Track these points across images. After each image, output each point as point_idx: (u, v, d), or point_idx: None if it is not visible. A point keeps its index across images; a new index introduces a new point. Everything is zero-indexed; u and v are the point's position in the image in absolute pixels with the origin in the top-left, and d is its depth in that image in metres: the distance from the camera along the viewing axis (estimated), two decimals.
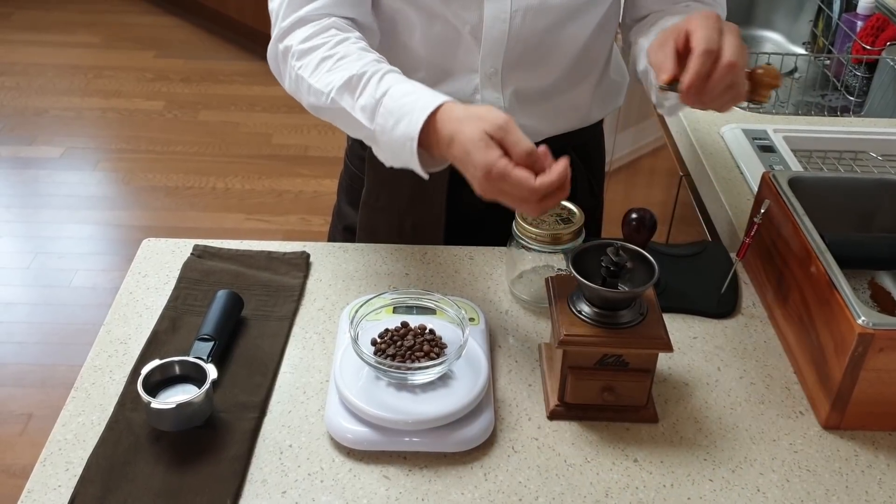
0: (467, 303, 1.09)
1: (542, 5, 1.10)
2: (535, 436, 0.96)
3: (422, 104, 0.97)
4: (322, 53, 1.05)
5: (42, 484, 0.89)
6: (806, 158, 1.51)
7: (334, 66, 1.04)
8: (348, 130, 1.08)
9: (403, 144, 0.98)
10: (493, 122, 0.91)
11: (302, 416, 0.97)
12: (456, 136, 0.93)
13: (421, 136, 0.96)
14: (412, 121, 0.96)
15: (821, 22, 2.05)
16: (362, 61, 1.03)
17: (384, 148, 1.02)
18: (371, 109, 1.00)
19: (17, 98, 3.83)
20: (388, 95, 0.99)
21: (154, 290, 1.15)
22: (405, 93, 0.99)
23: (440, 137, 0.95)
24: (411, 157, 0.98)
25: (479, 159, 0.89)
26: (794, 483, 0.92)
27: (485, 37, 1.12)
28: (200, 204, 3.19)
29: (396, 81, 1.01)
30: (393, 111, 0.98)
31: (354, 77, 1.01)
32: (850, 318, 0.91)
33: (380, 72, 1.02)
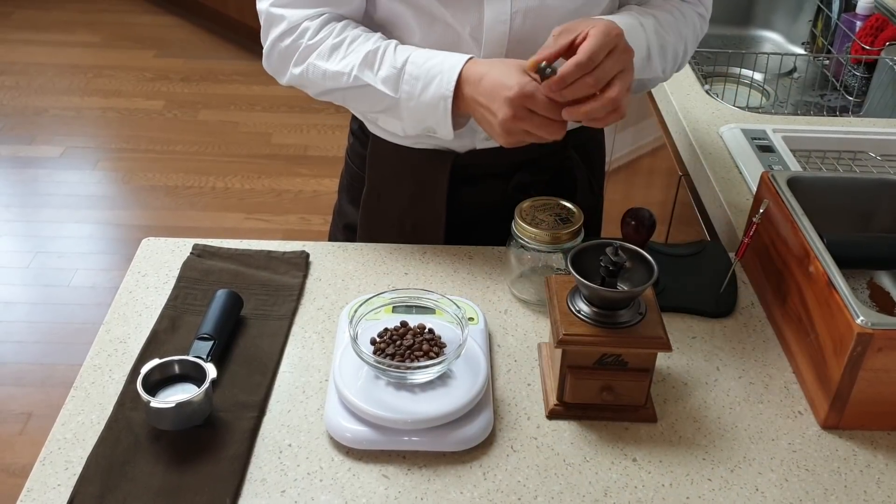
0: (466, 302, 1.09)
1: (542, 6, 1.11)
2: (534, 435, 0.96)
3: (449, 64, 1.05)
4: (331, 41, 1.11)
5: (42, 483, 0.89)
6: (805, 158, 1.52)
7: (347, 49, 1.10)
8: (364, 106, 1.14)
9: (436, 105, 1.05)
10: (522, 62, 1.00)
11: (301, 415, 0.98)
12: (489, 72, 1.01)
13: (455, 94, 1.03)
14: (444, 80, 1.04)
15: (820, 22, 2.05)
16: (371, 39, 1.10)
17: (408, 115, 1.09)
18: (394, 79, 1.07)
19: (16, 97, 3.83)
20: (410, 62, 1.06)
21: (153, 290, 1.15)
22: (428, 56, 1.06)
23: (468, 79, 1.03)
24: (444, 117, 1.06)
25: (513, 80, 0.98)
26: (793, 482, 0.92)
27: (485, 39, 1.12)
28: (200, 203, 3.20)
29: (412, 49, 1.08)
30: (419, 76, 1.05)
31: (370, 52, 1.08)
32: (848, 318, 0.92)
33: (391, 44, 1.09)
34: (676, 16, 1.20)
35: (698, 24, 1.24)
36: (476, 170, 1.25)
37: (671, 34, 1.18)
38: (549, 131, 1.00)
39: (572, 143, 1.28)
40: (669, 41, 1.17)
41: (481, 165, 1.22)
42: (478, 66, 1.04)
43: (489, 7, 1.10)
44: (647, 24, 1.14)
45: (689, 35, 1.22)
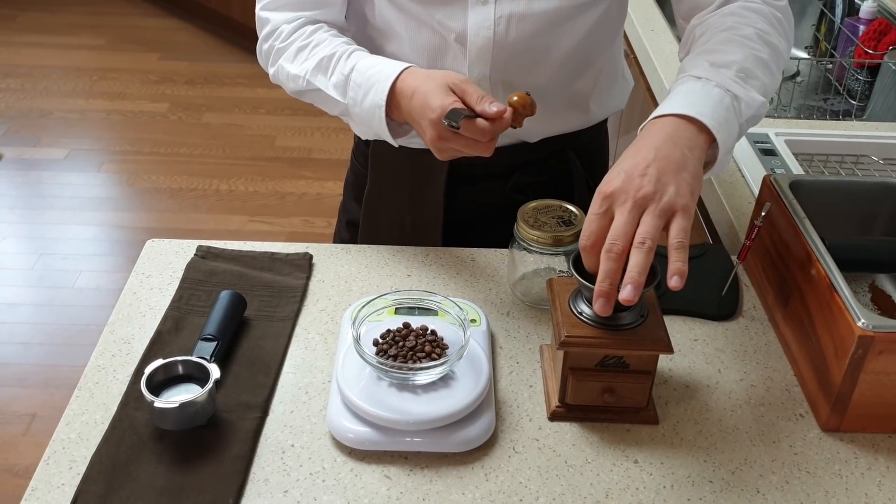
0: (469, 304, 1.09)
1: (527, 12, 1.11)
2: (535, 436, 0.96)
3: (386, 73, 1.06)
4: (298, 44, 1.15)
5: (45, 482, 0.89)
6: (807, 162, 1.52)
7: (310, 53, 1.13)
8: (328, 109, 1.16)
9: (373, 113, 1.07)
10: (454, 77, 1.01)
11: (304, 415, 0.98)
12: (418, 88, 1.02)
13: (388, 103, 1.05)
14: (379, 90, 1.05)
15: (823, 26, 2.05)
16: (332, 44, 1.13)
17: (357, 120, 1.11)
18: (342, 85, 1.10)
19: (21, 100, 3.84)
20: (356, 70, 1.08)
21: (158, 291, 1.16)
22: (370, 66, 1.08)
23: (402, 95, 1.04)
24: (380, 125, 1.07)
25: (436, 102, 0.98)
26: (794, 485, 0.92)
27: (470, 44, 1.13)
28: (204, 206, 3.20)
29: (362, 57, 1.10)
30: (361, 84, 1.07)
31: (325, 58, 1.12)
32: (850, 321, 0.92)
33: (347, 51, 1.11)
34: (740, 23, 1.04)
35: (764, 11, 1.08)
36: (474, 170, 1.26)
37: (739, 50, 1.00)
38: (476, 150, 1.00)
39: (572, 145, 1.28)
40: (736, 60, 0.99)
41: (479, 166, 1.23)
42: (411, 79, 1.04)
43: (473, 13, 1.11)
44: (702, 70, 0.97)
45: (753, 34, 1.04)
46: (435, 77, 1.02)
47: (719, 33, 1.05)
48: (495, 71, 1.15)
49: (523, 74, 1.17)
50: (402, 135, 1.10)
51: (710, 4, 1.12)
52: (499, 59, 1.14)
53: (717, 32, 1.06)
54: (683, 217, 0.86)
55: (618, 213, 0.86)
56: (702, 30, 1.10)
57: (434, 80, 1.01)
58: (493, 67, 1.15)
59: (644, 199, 0.86)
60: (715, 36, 1.05)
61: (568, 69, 1.19)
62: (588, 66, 1.21)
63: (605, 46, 1.22)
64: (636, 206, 0.85)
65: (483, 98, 0.97)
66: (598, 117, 1.31)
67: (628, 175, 0.88)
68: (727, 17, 1.08)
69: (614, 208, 0.87)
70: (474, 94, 0.98)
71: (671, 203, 0.86)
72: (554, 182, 1.28)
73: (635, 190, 0.86)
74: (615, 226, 0.86)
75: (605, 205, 0.87)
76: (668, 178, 0.87)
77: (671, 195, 0.86)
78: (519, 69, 1.16)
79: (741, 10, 1.08)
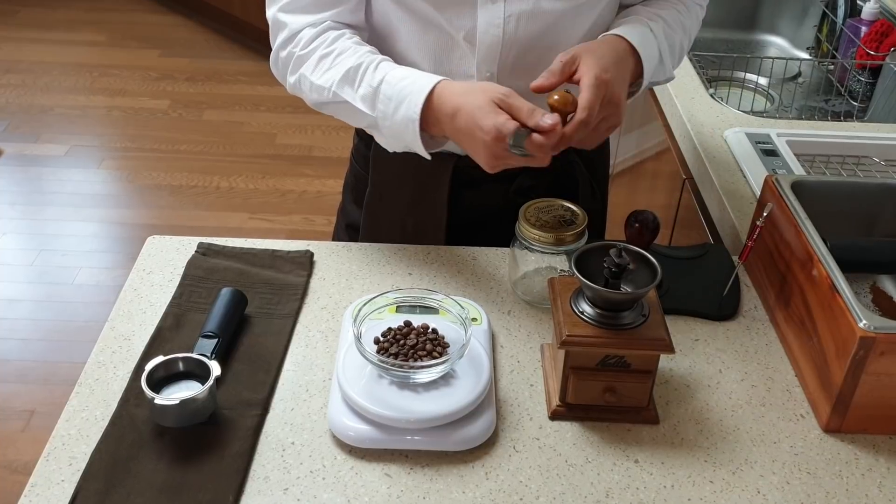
0: (470, 303, 1.09)
1: (535, 10, 1.11)
2: (536, 436, 0.96)
3: (419, 86, 1.03)
4: (320, 52, 1.11)
5: (45, 478, 0.89)
6: (809, 162, 1.52)
7: (333, 62, 1.09)
8: (352, 121, 1.14)
9: (406, 127, 1.04)
10: (497, 91, 0.98)
11: (304, 413, 0.98)
12: (461, 107, 0.99)
13: (422, 116, 1.02)
14: (412, 102, 1.03)
15: (825, 27, 2.05)
16: (357, 54, 1.09)
17: (387, 133, 1.08)
18: (371, 98, 1.06)
19: (22, 96, 3.84)
20: (385, 82, 1.05)
21: (158, 287, 1.16)
22: (401, 77, 1.05)
23: (442, 112, 1.01)
24: (414, 139, 1.04)
25: (488, 123, 0.96)
26: (795, 485, 0.92)
27: (479, 43, 1.12)
28: (204, 203, 3.20)
29: (391, 68, 1.07)
30: (392, 96, 1.04)
31: (352, 69, 1.07)
32: (851, 322, 0.92)
33: (375, 61, 1.08)
34: (681, 10, 1.20)
35: (699, 13, 1.25)
36: (477, 172, 1.25)
37: (678, 32, 1.18)
38: (533, 163, 1.00)
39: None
40: (677, 40, 1.18)
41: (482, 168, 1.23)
42: (449, 94, 1.01)
43: (482, 11, 1.10)
44: (656, 28, 1.14)
45: (692, 27, 1.23)
46: (475, 92, 0.99)
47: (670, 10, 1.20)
48: (502, 69, 1.15)
49: (529, 73, 1.16)
50: (435, 148, 1.08)
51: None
52: (507, 57, 1.14)
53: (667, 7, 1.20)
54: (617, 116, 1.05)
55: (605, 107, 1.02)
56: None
57: (476, 97, 0.98)
58: (500, 66, 1.14)
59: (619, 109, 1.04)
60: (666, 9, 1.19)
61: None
62: None
63: None
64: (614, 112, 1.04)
65: (534, 111, 0.96)
66: None
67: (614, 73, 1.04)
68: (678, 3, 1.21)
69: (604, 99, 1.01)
70: (523, 107, 0.96)
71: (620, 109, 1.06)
72: (557, 185, 1.28)
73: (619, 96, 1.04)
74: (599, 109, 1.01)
75: (603, 89, 1.00)
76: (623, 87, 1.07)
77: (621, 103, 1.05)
78: (525, 67, 1.16)
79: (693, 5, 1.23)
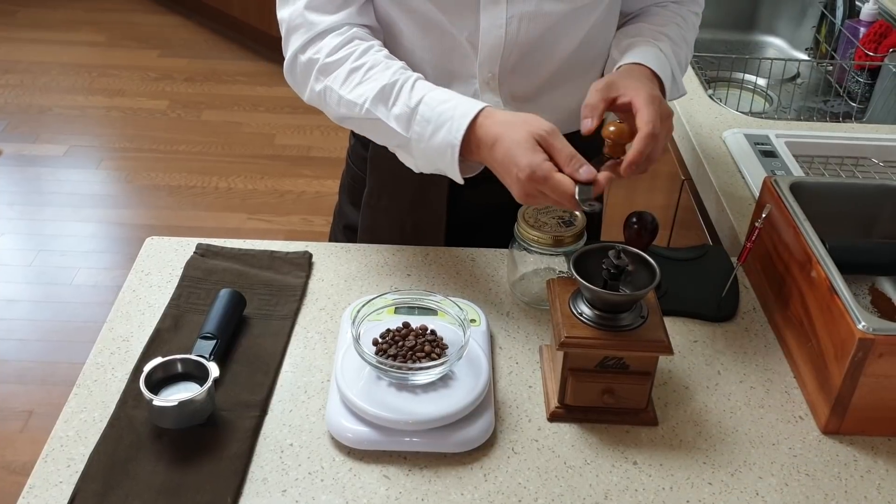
0: (469, 304, 1.09)
1: (538, 12, 1.11)
2: (535, 437, 0.96)
3: (461, 111, 1.00)
4: (349, 65, 1.07)
5: (44, 480, 0.89)
6: (808, 164, 1.52)
7: (364, 76, 1.06)
8: (379, 139, 1.10)
9: (444, 152, 1.01)
10: (539, 127, 0.96)
11: (303, 415, 0.98)
12: (501, 138, 0.97)
13: (462, 142, 0.99)
14: (453, 128, 0.99)
15: (824, 28, 2.05)
16: (391, 70, 1.06)
17: (419, 155, 1.05)
18: (406, 118, 1.03)
19: (21, 96, 3.83)
20: (424, 103, 1.02)
21: (157, 288, 1.15)
22: (442, 100, 1.02)
23: (482, 141, 0.99)
24: (451, 164, 1.01)
25: (524, 160, 0.94)
26: (793, 487, 0.92)
27: (481, 44, 1.12)
28: (203, 203, 3.20)
29: (429, 88, 1.04)
30: (430, 119, 1.01)
31: (387, 86, 1.04)
32: (850, 324, 0.92)
33: (410, 79, 1.05)
34: (681, 23, 1.20)
35: (695, 22, 1.25)
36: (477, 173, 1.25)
37: (682, 47, 1.18)
38: (563, 206, 0.98)
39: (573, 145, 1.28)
40: (683, 55, 1.18)
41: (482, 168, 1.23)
42: (491, 123, 0.99)
43: (485, 12, 1.10)
44: (665, 48, 1.13)
45: (692, 38, 1.23)
46: (517, 124, 0.97)
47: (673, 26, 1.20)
48: (504, 71, 1.15)
49: (531, 74, 1.17)
50: (469, 173, 1.04)
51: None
52: (509, 58, 1.14)
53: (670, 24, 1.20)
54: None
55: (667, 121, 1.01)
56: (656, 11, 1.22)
57: (518, 130, 0.96)
58: (502, 66, 1.14)
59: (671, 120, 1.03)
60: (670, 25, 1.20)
61: (572, 68, 1.19)
62: (590, 64, 1.21)
63: (604, 44, 1.22)
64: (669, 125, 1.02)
65: (572, 159, 0.94)
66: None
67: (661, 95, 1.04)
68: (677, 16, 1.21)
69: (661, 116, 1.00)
70: (563, 151, 0.94)
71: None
72: None
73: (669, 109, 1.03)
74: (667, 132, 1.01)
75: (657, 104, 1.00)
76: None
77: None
78: (527, 69, 1.16)
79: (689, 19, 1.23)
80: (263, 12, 4.04)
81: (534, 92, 1.19)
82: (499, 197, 1.27)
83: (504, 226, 1.15)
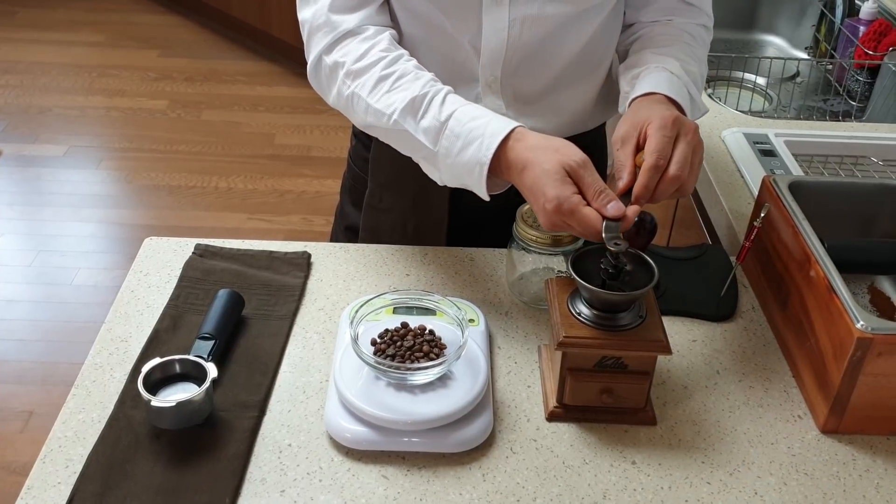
0: (467, 304, 1.09)
1: (540, 15, 1.10)
2: (533, 437, 0.96)
3: (492, 129, 0.98)
4: (378, 72, 1.05)
5: (42, 481, 0.89)
6: (807, 163, 1.52)
7: (393, 86, 1.04)
8: (404, 150, 1.08)
9: (472, 169, 0.99)
10: (570, 157, 0.93)
11: (301, 415, 0.98)
12: (531, 164, 0.95)
13: (492, 162, 0.97)
14: (483, 146, 0.98)
15: (823, 27, 2.05)
16: (421, 81, 1.04)
17: (445, 170, 1.03)
18: (435, 132, 1.01)
19: (20, 96, 3.83)
20: (454, 118, 1.00)
21: (155, 289, 1.15)
22: (473, 116, 1.00)
23: (511, 163, 0.97)
24: (478, 182, 1.00)
25: (552, 192, 0.92)
26: (792, 486, 0.92)
27: (484, 47, 1.12)
28: (203, 203, 3.20)
29: (460, 104, 1.02)
30: (460, 135, 0.99)
31: (417, 98, 1.02)
32: (848, 323, 0.92)
33: (441, 92, 1.03)
34: (688, 40, 1.16)
35: (706, 37, 1.21)
36: None
37: (693, 64, 1.14)
38: (590, 239, 0.95)
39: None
40: (695, 71, 1.14)
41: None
42: (522, 147, 0.96)
43: (487, 15, 1.10)
44: (675, 69, 1.10)
45: (704, 55, 1.19)
46: (548, 151, 0.95)
47: (678, 44, 1.16)
48: (506, 73, 1.15)
49: (533, 77, 1.16)
50: (496, 190, 1.02)
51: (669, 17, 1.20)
52: (511, 61, 1.13)
53: (675, 42, 1.16)
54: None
55: (683, 142, 0.97)
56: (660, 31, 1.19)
57: (548, 158, 0.94)
58: (504, 69, 1.14)
59: (697, 132, 0.99)
60: (675, 45, 1.16)
61: (575, 71, 1.19)
62: (593, 68, 1.21)
63: (607, 49, 1.22)
64: (694, 139, 0.98)
65: (600, 194, 0.92)
66: (600, 119, 1.31)
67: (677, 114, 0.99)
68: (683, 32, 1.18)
69: (679, 134, 0.97)
70: (592, 185, 0.92)
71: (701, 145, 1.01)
72: None
73: (690, 122, 1.00)
74: (683, 154, 0.96)
75: (674, 130, 0.96)
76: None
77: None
78: (529, 72, 1.16)
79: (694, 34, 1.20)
80: (263, 12, 4.04)
81: (536, 95, 1.19)
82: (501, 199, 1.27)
83: (506, 228, 1.14)
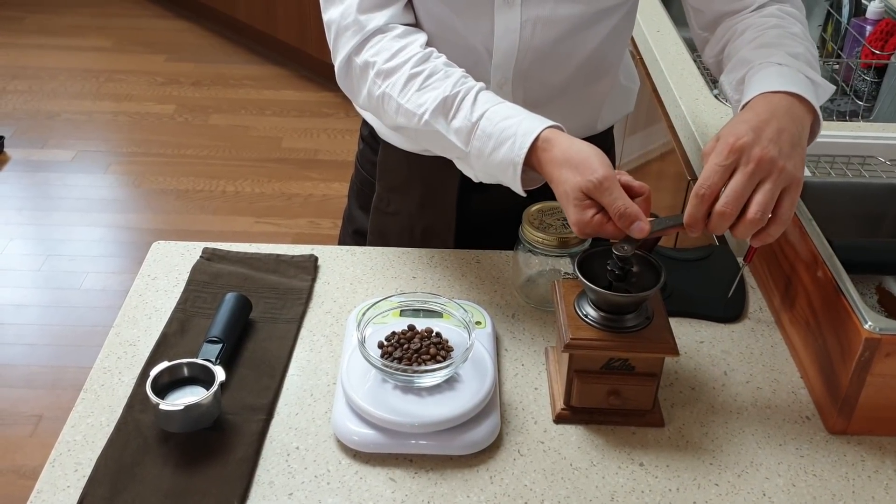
0: (474, 306, 1.09)
1: (552, 16, 1.10)
2: (540, 439, 0.96)
3: (524, 129, 0.97)
4: (408, 71, 1.04)
5: (51, 484, 0.90)
6: (814, 163, 1.51)
7: (423, 84, 1.03)
8: (436, 150, 1.08)
9: (505, 169, 0.98)
10: (588, 178, 0.90)
11: (309, 418, 0.98)
12: (553, 181, 0.95)
13: (525, 160, 0.96)
14: (515, 146, 0.96)
15: (830, 26, 2.04)
16: (451, 79, 1.02)
17: (480, 168, 1.02)
18: (467, 132, 1.00)
19: (28, 101, 3.85)
20: (486, 118, 0.99)
21: (163, 293, 1.16)
22: (504, 116, 0.99)
23: (541, 166, 0.96)
24: (513, 180, 0.99)
25: (572, 216, 0.92)
26: (801, 488, 0.92)
27: (495, 48, 1.12)
28: (210, 207, 3.21)
29: (492, 102, 1.01)
30: (492, 135, 0.98)
31: (448, 98, 1.01)
32: (856, 323, 0.91)
33: (472, 91, 1.02)
34: (779, 23, 1.08)
35: (795, 12, 1.12)
36: None
37: (795, 44, 1.04)
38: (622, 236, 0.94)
39: None
40: (802, 52, 1.03)
41: None
42: (547, 162, 0.95)
43: (499, 17, 1.10)
44: (781, 58, 1.00)
45: (803, 31, 1.09)
46: (568, 169, 0.92)
47: (770, 30, 1.07)
48: (517, 75, 1.15)
49: (545, 79, 1.16)
50: (533, 184, 1.01)
51: (745, 9, 1.13)
52: (522, 62, 1.13)
53: (766, 29, 1.07)
54: (796, 191, 0.88)
55: (740, 173, 0.86)
56: (744, 26, 1.11)
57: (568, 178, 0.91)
58: (516, 71, 1.14)
59: (769, 164, 0.86)
60: (767, 31, 1.07)
61: (586, 74, 1.19)
62: (604, 71, 1.21)
63: (619, 51, 1.22)
64: (759, 171, 0.86)
65: (622, 217, 0.89)
66: (609, 121, 1.31)
67: (757, 133, 0.88)
68: (770, 17, 1.10)
69: (739, 164, 0.87)
70: (611, 206, 0.89)
71: (792, 175, 0.87)
72: None
73: (762, 150, 0.86)
74: (734, 187, 0.86)
75: (731, 157, 0.87)
76: (790, 149, 0.88)
77: (792, 167, 0.87)
78: (541, 74, 1.15)
79: (780, 12, 1.11)
80: (269, 16, 4.05)
81: (547, 97, 1.19)
82: (508, 202, 1.27)
83: (513, 231, 1.14)
